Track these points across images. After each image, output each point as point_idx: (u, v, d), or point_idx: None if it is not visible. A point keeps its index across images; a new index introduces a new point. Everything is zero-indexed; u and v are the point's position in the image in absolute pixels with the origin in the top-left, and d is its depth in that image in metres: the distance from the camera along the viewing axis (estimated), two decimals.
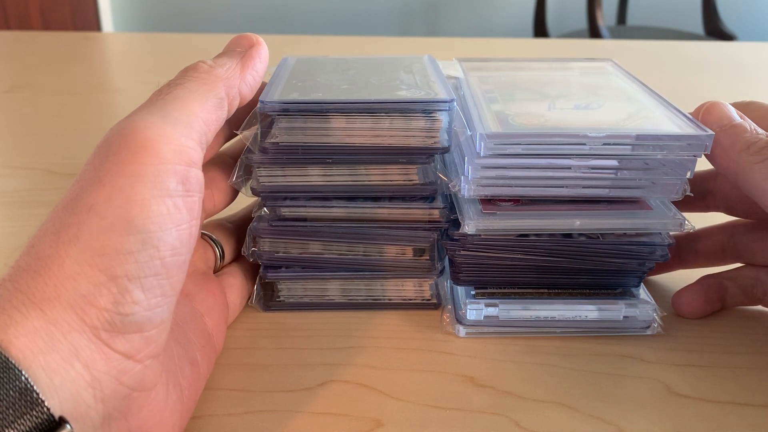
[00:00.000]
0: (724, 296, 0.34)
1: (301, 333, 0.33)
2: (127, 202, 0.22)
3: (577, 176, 0.31)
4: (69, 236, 0.22)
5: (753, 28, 2.16)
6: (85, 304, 0.21)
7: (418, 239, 0.33)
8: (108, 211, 0.22)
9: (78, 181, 0.23)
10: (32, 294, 0.21)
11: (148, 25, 2.31)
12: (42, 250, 0.22)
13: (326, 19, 2.28)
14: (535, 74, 0.39)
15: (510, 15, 2.27)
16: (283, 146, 0.31)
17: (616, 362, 0.31)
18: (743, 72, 0.78)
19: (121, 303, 0.22)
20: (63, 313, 0.21)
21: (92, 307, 0.21)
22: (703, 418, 0.28)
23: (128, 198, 0.22)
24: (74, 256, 0.21)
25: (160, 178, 0.23)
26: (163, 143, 0.23)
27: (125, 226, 0.22)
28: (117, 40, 1.00)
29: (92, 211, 0.22)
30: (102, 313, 0.21)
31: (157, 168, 0.23)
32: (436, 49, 0.87)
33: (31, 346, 0.20)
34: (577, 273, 0.33)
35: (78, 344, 0.21)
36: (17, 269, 0.22)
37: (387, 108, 0.31)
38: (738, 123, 0.30)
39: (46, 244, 0.22)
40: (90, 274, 0.21)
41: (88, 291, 0.21)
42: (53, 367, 0.20)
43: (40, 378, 0.20)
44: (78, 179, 0.23)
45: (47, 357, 0.20)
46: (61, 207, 0.23)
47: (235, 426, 0.28)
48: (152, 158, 0.23)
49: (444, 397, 0.29)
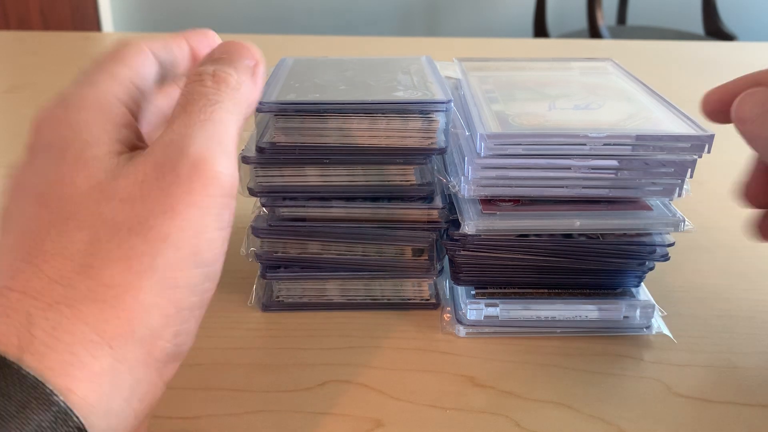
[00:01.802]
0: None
1: (301, 333, 0.33)
2: (197, 235, 0.22)
3: (577, 176, 0.31)
4: (143, 266, 0.21)
5: (753, 28, 2.16)
6: (155, 338, 0.21)
7: (417, 239, 0.33)
8: (182, 243, 0.22)
9: (140, 201, 0.22)
10: (102, 329, 0.20)
11: (148, 25, 2.31)
12: (110, 277, 0.21)
13: (326, 19, 2.28)
14: (535, 74, 0.39)
15: (510, 15, 2.28)
16: (280, 146, 0.31)
17: (616, 362, 0.31)
18: (743, 72, 0.78)
19: (179, 334, 0.22)
20: (133, 349, 0.20)
21: (160, 340, 0.21)
22: (703, 418, 0.28)
23: (199, 231, 0.22)
24: (149, 288, 0.21)
25: (222, 212, 0.23)
26: (226, 176, 0.23)
27: (194, 259, 0.22)
28: (117, 40, 1.00)
29: (167, 242, 0.21)
30: (166, 345, 0.21)
31: (221, 201, 0.23)
32: (436, 49, 0.87)
33: (95, 391, 0.20)
34: (577, 273, 0.33)
35: (140, 377, 0.21)
36: (75, 293, 0.21)
37: (384, 109, 0.31)
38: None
39: (115, 271, 0.21)
40: (163, 306, 0.21)
41: (159, 324, 0.21)
42: (115, 411, 0.20)
43: (96, 426, 0.20)
44: (139, 200, 0.22)
45: (110, 402, 0.20)
46: (126, 229, 0.21)
47: (235, 426, 0.28)
48: (219, 191, 0.23)
49: (444, 397, 0.29)
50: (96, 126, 0.24)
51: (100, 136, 0.24)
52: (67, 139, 0.23)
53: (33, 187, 0.23)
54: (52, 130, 0.24)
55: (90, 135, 0.24)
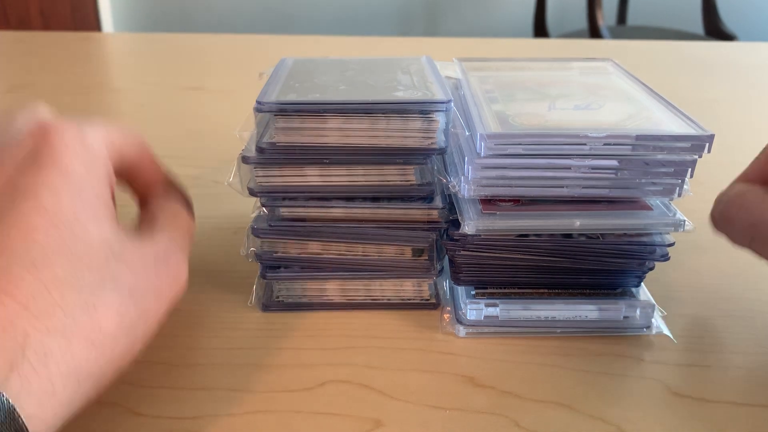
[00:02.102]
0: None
1: (301, 333, 0.33)
2: (161, 320, 0.27)
3: (577, 176, 0.31)
4: (129, 324, 0.25)
5: (753, 28, 2.17)
6: (111, 377, 0.25)
7: (417, 239, 0.33)
8: (155, 320, 0.27)
9: (141, 274, 0.26)
10: (81, 366, 0.23)
11: (148, 25, 2.31)
12: (106, 325, 0.24)
13: (326, 19, 2.28)
14: (535, 74, 0.39)
15: (510, 15, 2.28)
16: (280, 146, 0.31)
17: (616, 362, 0.31)
18: (743, 72, 0.78)
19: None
20: (95, 384, 0.24)
21: (111, 377, 0.25)
22: (703, 418, 0.28)
23: (163, 318, 0.27)
24: (124, 342, 0.25)
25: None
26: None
27: (156, 328, 0.27)
28: (117, 40, 1.01)
29: (148, 315, 0.26)
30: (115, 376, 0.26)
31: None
32: (436, 50, 0.87)
33: (55, 416, 0.22)
34: (578, 273, 0.33)
35: (89, 398, 0.24)
36: (75, 328, 0.23)
37: (384, 109, 0.31)
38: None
39: (111, 321, 0.24)
40: (129, 357, 0.26)
41: (123, 368, 0.26)
42: (59, 424, 0.23)
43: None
44: (141, 272, 0.26)
45: (60, 421, 0.23)
46: (127, 289, 0.25)
47: (235, 426, 0.28)
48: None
49: (444, 397, 0.29)
50: (104, 184, 0.27)
51: (106, 195, 0.27)
52: (81, 176, 0.26)
53: (38, 198, 0.24)
54: (70, 157, 0.26)
55: (102, 192, 0.26)
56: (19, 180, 0.24)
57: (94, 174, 0.26)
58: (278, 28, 2.26)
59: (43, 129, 0.26)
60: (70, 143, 0.26)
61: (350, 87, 0.33)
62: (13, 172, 0.24)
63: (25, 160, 0.25)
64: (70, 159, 0.25)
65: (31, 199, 0.23)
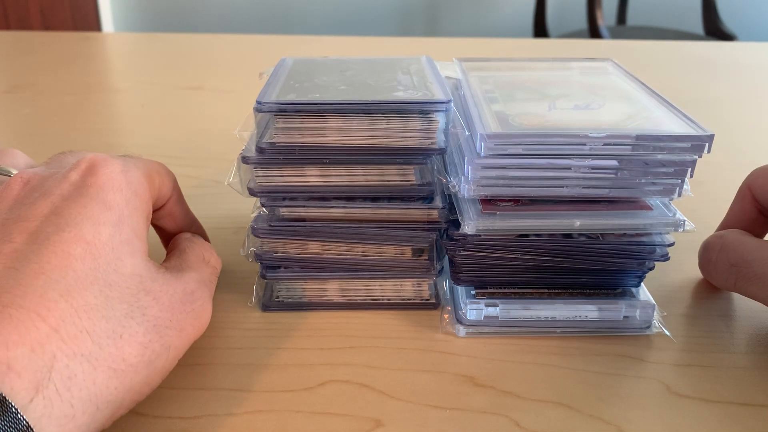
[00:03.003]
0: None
1: (301, 333, 0.33)
2: (181, 354, 0.28)
3: (577, 176, 0.31)
4: (150, 359, 0.26)
5: (753, 28, 2.17)
6: (126, 407, 0.26)
7: (417, 239, 0.33)
8: (175, 354, 0.27)
9: (167, 309, 0.27)
10: (101, 393, 0.24)
11: (148, 25, 2.31)
12: (129, 354, 0.25)
13: (326, 19, 2.28)
14: (535, 74, 0.39)
15: (510, 15, 2.28)
16: (280, 146, 0.31)
17: (616, 362, 0.31)
18: (743, 72, 0.78)
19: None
20: (111, 412, 0.25)
21: (127, 406, 0.26)
22: (703, 418, 0.28)
23: (183, 352, 0.28)
24: (144, 375, 0.26)
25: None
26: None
27: (172, 365, 0.28)
28: (117, 40, 1.01)
29: (168, 352, 0.27)
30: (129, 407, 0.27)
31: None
32: (436, 50, 0.87)
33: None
34: (577, 273, 0.33)
35: (101, 425, 0.25)
36: (100, 354, 0.24)
37: (384, 109, 0.31)
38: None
39: (134, 351, 0.25)
40: (145, 392, 0.27)
41: (137, 400, 0.27)
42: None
43: None
44: (167, 308, 0.27)
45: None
46: (152, 325, 0.26)
47: (235, 426, 0.28)
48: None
49: (444, 397, 0.29)
50: (142, 219, 0.28)
51: (143, 233, 0.28)
52: (121, 212, 0.27)
53: (80, 228, 0.25)
54: (109, 191, 0.27)
55: (138, 226, 0.28)
56: (64, 210, 0.25)
57: (134, 209, 0.28)
58: (278, 28, 2.26)
59: (91, 164, 0.28)
60: (115, 178, 0.28)
61: (350, 87, 0.33)
62: (60, 201, 0.26)
63: (71, 192, 0.26)
64: (114, 194, 0.27)
65: (73, 228, 0.25)
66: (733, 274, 0.32)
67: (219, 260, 0.34)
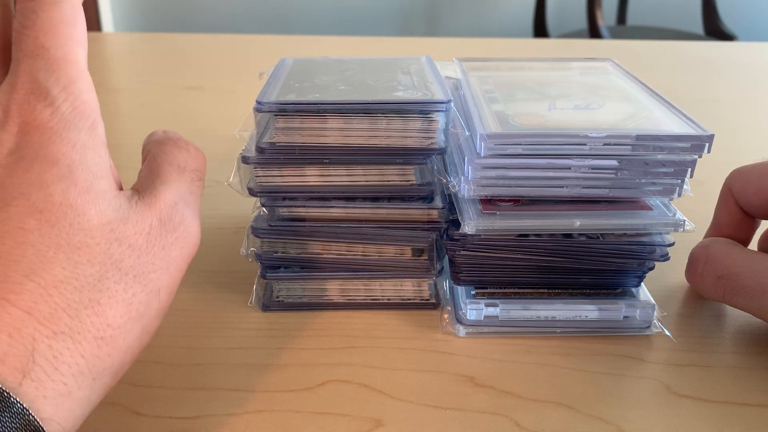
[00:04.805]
0: None
1: (301, 333, 0.33)
2: (174, 291, 0.26)
3: (577, 176, 0.31)
4: (138, 313, 0.24)
5: (753, 28, 2.17)
6: (123, 370, 0.25)
7: (417, 239, 0.33)
8: (167, 297, 0.25)
9: (145, 253, 0.24)
10: (93, 364, 0.23)
11: (148, 25, 2.31)
12: (113, 318, 0.23)
13: (326, 19, 2.28)
14: (535, 74, 0.39)
15: (510, 15, 2.28)
16: (280, 146, 0.31)
17: (616, 362, 0.31)
18: (743, 72, 0.78)
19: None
20: (108, 380, 0.24)
21: (124, 369, 0.25)
22: (703, 418, 0.28)
23: (176, 288, 0.26)
24: (136, 333, 0.24)
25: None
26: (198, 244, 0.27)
27: (166, 311, 0.26)
28: (117, 40, 1.00)
29: (158, 295, 0.24)
30: (126, 369, 0.26)
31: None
32: (436, 50, 0.87)
33: (72, 417, 0.22)
34: (577, 273, 0.33)
35: (101, 395, 0.24)
36: (80, 327, 0.23)
37: (384, 109, 0.31)
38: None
39: (117, 312, 0.23)
40: (138, 349, 0.25)
41: (132, 360, 0.25)
42: (76, 426, 0.23)
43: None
44: (145, 251, 0.24)
45: (77, 423, 0.23)
46: (131, 276, 0.24)
47: (235, 426, 0.28)
48: (192, 256, 0.27)
49: (444, 397, 0.29)
50: (97, 154, 0.24)
51: (103, 167, 0.24)
52: (71, 160, 0.23)
53: (28, 198, 0.22)
54: (50, 142, 0.23)
55: (94, 164, 0.24)
56: (6, 182, 0.22)
57: (84, 147, 0.24)
58: (278, 28, 2.26)
59: (20, 120, 0.23)
60: (51, 126, 0.23)
61: (350, 87, 0.33)
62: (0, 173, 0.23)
63: (8, 158, 0.23)
64: (55, 145, 0.23)
65: (20, 200, 0.22)
66: (721, 286, 0.32)
67: (200, 156, 0.29)
